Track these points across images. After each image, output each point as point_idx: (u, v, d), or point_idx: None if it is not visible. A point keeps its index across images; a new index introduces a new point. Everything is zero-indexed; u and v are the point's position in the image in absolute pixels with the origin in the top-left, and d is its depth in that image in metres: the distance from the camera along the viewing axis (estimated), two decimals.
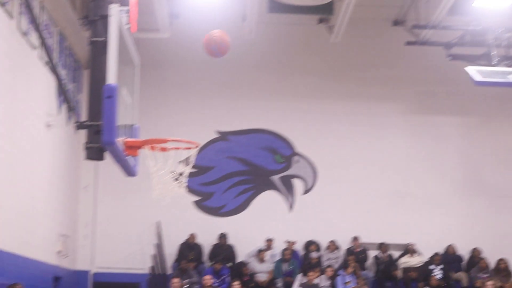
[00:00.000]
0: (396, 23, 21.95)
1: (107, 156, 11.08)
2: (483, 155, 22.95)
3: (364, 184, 22.48)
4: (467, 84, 19.12)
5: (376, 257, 22.02)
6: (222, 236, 21.83)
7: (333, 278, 20.68)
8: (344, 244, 22.18)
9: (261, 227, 21.94)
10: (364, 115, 22.74)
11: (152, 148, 11.40)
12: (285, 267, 21.41)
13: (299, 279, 20.61)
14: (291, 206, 22.62)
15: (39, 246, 17.46)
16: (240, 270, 20.88)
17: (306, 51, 22.72)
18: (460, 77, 19.86)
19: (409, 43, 21.46)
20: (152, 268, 21.35)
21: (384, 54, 22.68)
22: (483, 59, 19.31)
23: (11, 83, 15.13)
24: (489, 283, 20.58)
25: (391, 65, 22.69)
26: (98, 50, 10.50)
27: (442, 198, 22.56)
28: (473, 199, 22.64)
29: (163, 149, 11.53)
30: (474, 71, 18.27)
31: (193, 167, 12.17)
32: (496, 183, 22.78)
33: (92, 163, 19.91)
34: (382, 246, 22.06)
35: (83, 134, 11.64)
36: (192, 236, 21.63)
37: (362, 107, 22.74)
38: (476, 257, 22.05)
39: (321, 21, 21.84)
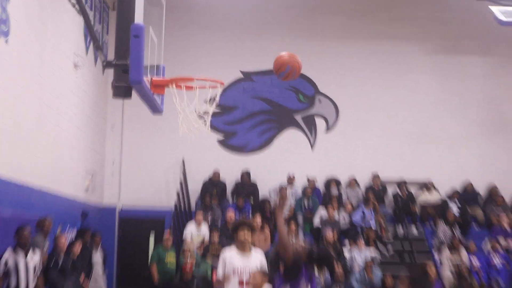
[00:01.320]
0: None
1: (134, 94, 11.24)
2: (504, 95, 22.94)
3: (385, 122, 22.61)
4: (491, 25, 19.11)
5: (395, 194, 22.18)
6: (245, 174, 22.03)
7: (352, 214, 20.92)
8: (364, 181, 22.39)
9: (283, 164, 22.11)
10: (388, 55, 22.74)
11: (178, 86, 11.51)
12: (306, 203, 21.61)
13: (319, 215, 20.84)
14: (312, 144, 22.77)
15: (68, 183, 17.76)
16: (262, 206, 21.06)
17: None
18: (484, 18, 19.81)
19: None
20: (177, 203, 21.56)
21: None
22: (507, 0, 19.25)
23: (39, 25, 15.28)
24: (505, 218, 20.81)
25: (416, 5, 22.61)
26: None
27: (461, 136, 22.65)
28: (493, 138, 22.71)
29: (189, 88, 11.63)
30: (498, 11, 18.25)
31: (218, 106, 12.27)
32: None
33: (119, 102, 20.10)
34: (401, 183, 22.21)
35: (110, 74, 11.81)
36: (215, 174, 21.86)
37: (386, 47, 22.72)
38: (493, 194, 22.20)
39: None
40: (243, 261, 9.51)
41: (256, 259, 9.53)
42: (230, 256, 9.60)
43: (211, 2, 22.17)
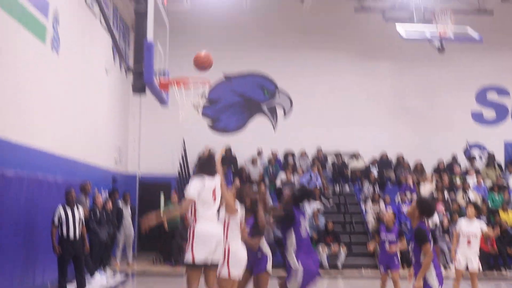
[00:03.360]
0: None
1: (148, 91, 11.11)
2: (406, 89, 22.82)
3: (325, 110, 22.39)
4: (397, 38, 18.98)
5: (333, 162, 22.09)
6: (227, 148, 21.85)
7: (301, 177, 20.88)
8: (311, 153, 22.21)
9: (254, 141, 21.93)
10: (325, 61, 22.51)
11: (178, 85, 11.43)
12: (270, 169, 21.54)
13: (280, 177, 20.78)
14: (274, 127, 22.64)
15: (102, 156, 17.64)
16: (240, 172, 20.98)
17: (285, 17, 22.42)
18: (392, 34, 19.64)
19: (356, 10, 21.28)
20: (179, 172, 21.42)
21: (339, 18, 22.28)
22: (408, 21, 19.22)
23: (81, 42, 15.19)
24: (409, 178, 20.85)
25: (344, 26, 22.34)
26: (141, 17, 10.53)
27: (378, 119, 22.51)
28: (400, 120, 22.60)
29: (186, 86, 11.56)
30: (402, 29, 18.20)
31: (207, 100, 12.14)
32: (415, 109, 22.73)
33: (138, 97, 19.77)
34: (337, 154, 22.08)
35: (130, 77, 11.65)
36: (206, 148, 21.69)
37: (324, 55, 22.49)
38: (400, 161, 22.15)
39: None
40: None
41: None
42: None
43: (200, 25, 21.89)
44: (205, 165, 7.12)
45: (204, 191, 6.87)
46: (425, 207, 7.41)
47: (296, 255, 7.35)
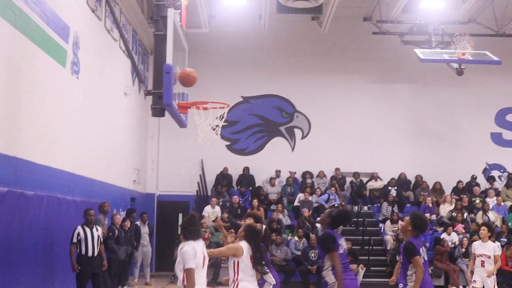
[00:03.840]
0: (365, 19, 21.65)
1: (167, 114, 11.17)
2: (423, 111, 22.78)
3: (342, 131, 22.40)
4: (414, 61, 18.99)
5: (351, 182, 22.05)
6: (246, 169, 21.89)
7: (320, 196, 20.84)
8: (329, 173, 22.23)
9: (272, 162, 21.99)
10: (342, 84, 22.54)
11: (197, 107, 11.44)
12: (288, 189, 21.53)
13: (298, 197, 20.77)
14: (293, 148, 22.65)
15: (121, 176, 17.71)
16: (258, 192, 20.99)
17: (303, 39, 22.51)
18: (409, 57, 19.66)
19: (374, 33, 21.34)
20: (197, 191, 21.46)
21: (357, 41, 22.39)
22: (426, 44, 19.23)
23: (100, 65, 15.29)
24: (428, 198, 20.72)
25: (361, 49, 22.42)
26: (160, 41, 10.55)
27: (396, 140, 22.45)
28: (417, 141, 22.53)
29: (205, 108, 11.57)
30: (419, 52, 18.19)
31: (225, 121, 12.17)
32: (433, 130, 22.64)
33: (156, 119, 20.00)
34: (355, 174, 22.08)
35: (149, 99, 11.74)
36: (225, 169, 21.72)
37: (341, 78, 22.52)
38: (419, 181, 22.06)
39: (313, 18, 21.65)
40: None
41: None
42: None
43: (219, 49, 22.07)
44: (190, 231, 7.15)
45: (197, 257, 6.91)
46: (418, 223, 7.47)
47: (333, 272, 7.30)
